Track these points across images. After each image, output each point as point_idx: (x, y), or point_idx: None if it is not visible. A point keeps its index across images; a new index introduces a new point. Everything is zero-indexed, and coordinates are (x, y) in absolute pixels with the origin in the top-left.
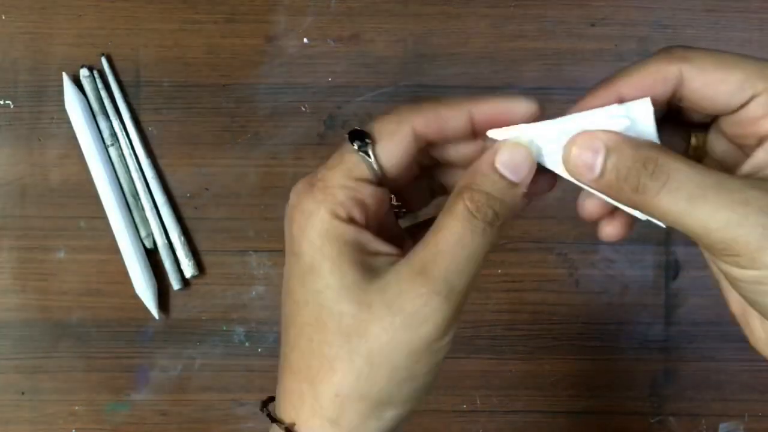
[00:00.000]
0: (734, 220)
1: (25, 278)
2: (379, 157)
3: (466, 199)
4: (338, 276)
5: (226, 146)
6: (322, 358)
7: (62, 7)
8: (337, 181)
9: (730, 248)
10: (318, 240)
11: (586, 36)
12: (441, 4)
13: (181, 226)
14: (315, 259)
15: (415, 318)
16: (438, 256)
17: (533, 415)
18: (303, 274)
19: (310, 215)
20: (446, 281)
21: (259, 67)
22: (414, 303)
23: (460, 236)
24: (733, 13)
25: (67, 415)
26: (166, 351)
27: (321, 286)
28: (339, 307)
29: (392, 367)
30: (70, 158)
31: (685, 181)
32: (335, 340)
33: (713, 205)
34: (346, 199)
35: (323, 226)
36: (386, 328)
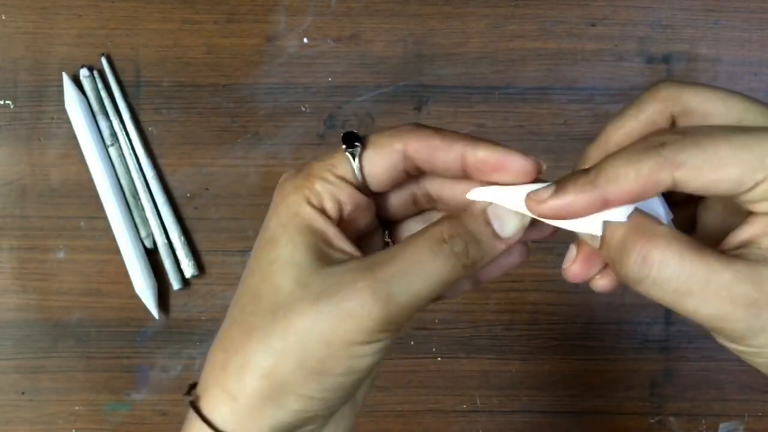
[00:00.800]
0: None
1: (25, 278)
2: (363, 164)
3: (444, 225)
4: (290, 251)
5: (226, 146)
6: (245, 328)
7: (62, 7)
8: (319, 172)
9: (719, 333)
10: (285, 217)
11: (586, 36)
12: (441, 4)
13: (181, 226)
14: (277, 232)
15: (340, 308)
16: (390, 261)
17: (533, 415)
18: (262, 245)
19: (287, 195)
20: (388, 286)
21: (259, 67)
22: (346, 293)
23: (421, 253)
24: (733, 13)
25: (67, 415)
26: (166, 351)
27: (272, 258)
28: (279, 281)
29: (304, 353)
30: (70, 158)
31: (672, 277)
32: (263, 312)
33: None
34: (322, 190)
35: (294, 208)
36: (310, 311)
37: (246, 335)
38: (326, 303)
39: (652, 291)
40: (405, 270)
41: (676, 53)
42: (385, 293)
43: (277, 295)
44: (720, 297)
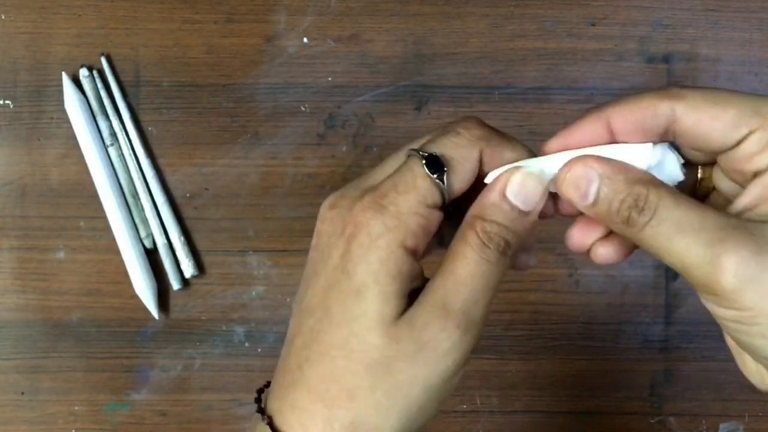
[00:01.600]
0: (709, 259)
1: (25, 278)
2: (452, 185)
3: (479, 230)
4: (380, 306)
5: (226, 146)
6: (344, 384)
7: (62, 7)
8: (411, 207)
9: (709, 287)
10: (376, 265)
11: (586, 36)
12: (441, 4)
13: (180, 226)
14: (366, 283)
15: (436, 352)
16: (456, 288)
17: (533, 415)
18: (348, 294)
19: (377, 238)
20: (465, 314)
21: (258, 66)
22: (437, 338)
23: (476, 267)
24: (734, 12)
25: (67, 415)
26: (165, 351)
27: (360, 312)
28: (370, 338)
29: (409, 402)
30: (70, 158)
31: (668, 217)
32: (359, 370)
33: (690, 242)
34: (417, 228)
35: (387, 254)
36: (409, 363)
37: (348, 392)
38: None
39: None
40: (471, 290)
41: (676, 53)
42: (465, 322)
43: (370, 352)
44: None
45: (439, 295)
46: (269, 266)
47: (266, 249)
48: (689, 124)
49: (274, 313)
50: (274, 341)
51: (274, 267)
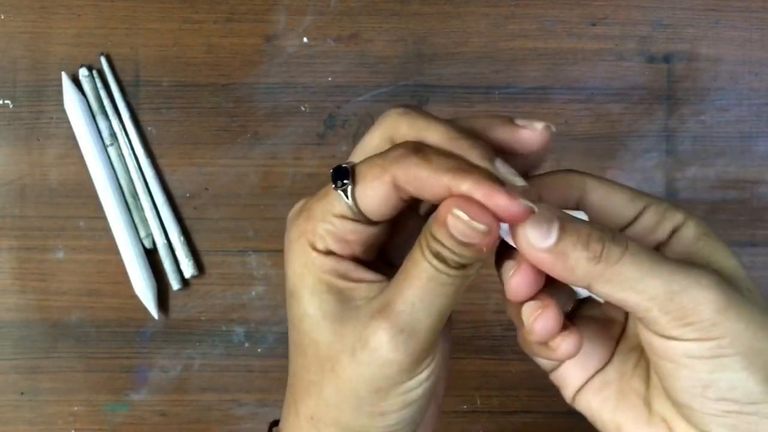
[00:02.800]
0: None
1: (25, 278)
2: (357, 200)
3: (429, 240)
4: (317, 304)
5: (226, 146)
6: (302, 381)
7: (61, 7)
8: (319, 214)
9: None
10: (299, 268)
11: (587, 35)
12: (441, 4)
13: (180, 226)
14: (296, 285)
15: (376, 357)
16: (403, 291)
17: (533, 416)
18: (289, 297)
19: (292, 243)
20: (409, 316)
21: (258, 66)
22: (378, 339)
23: (425, 270)
24: (734, 12)
25: (67, 415)
26: (165, 351)
27: (301, 313)
28: (315, 335)
29: (358, 401)
30: (70, 158)
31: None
32: (311, 366)
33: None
34: (325, 233)
35: (303, 257)
36: (351, 361)
37: (305, 389)
38: (362, 354)
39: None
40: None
41: (676, 53)
42: (410, 327)
43: (318, 348)
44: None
45: (388, 295)
46: (269, 266)
47: (266, 249)
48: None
49: (273, 313)
50: (273, 341)
51: (274, 267)
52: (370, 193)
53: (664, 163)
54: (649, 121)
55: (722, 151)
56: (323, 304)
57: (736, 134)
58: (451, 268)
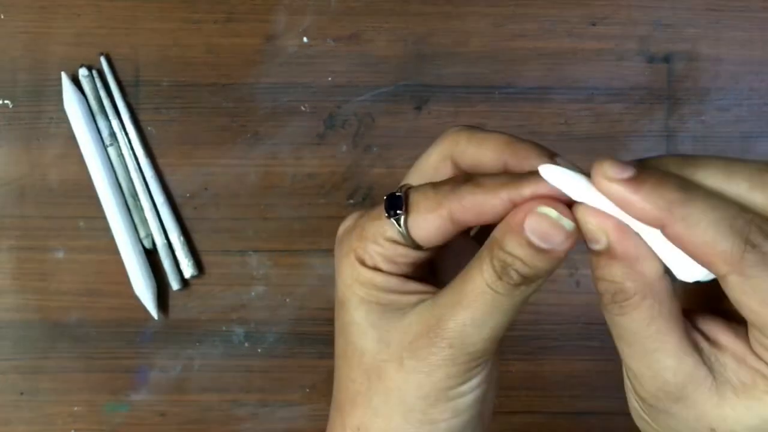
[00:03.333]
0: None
1: (24, 278)
2: (411, 231)
3: (493, 257)
4: (364, 313)
5: (226, 146)
6: (347, 391)
7: (61, 7)
8: (371, 235)
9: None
10: (348, 279)
11: (587, 35)
12: (441, 4)
13: (180, 226)
14: (345, 294)
15: (426, 364)
16: (456, 308)
17: (533, 416)
18: (339, 306)
19: (345, 256)
20: (460, 335)
21: (258, 66)
22: (428, 350)
23: (481, 294)
24: (735, 12)
25: (66, 415)
26: (165, 351)
27: (348, 320)
28: (361, 344)
29: (407, 409)
30: (69, 158)
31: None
32: (357, 376)
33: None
34: (374, 254)
35: (352, 269)
36: (399, 370)
37: (351, 399)
38: (410, 362)
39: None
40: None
41: (677, 53)
42: (459, 342)
43: (363, 357)
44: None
45: (439, 310)
46: (269, 266)
47: (266, 249)
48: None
49: (274, 313)
50: (273, 341)
51: (274, 267)
52: (423, 225)
53: None
54: (649, 121)
55: (722, 151)
56: (370, 314)
57: (736, 134)
58: (512, 286)
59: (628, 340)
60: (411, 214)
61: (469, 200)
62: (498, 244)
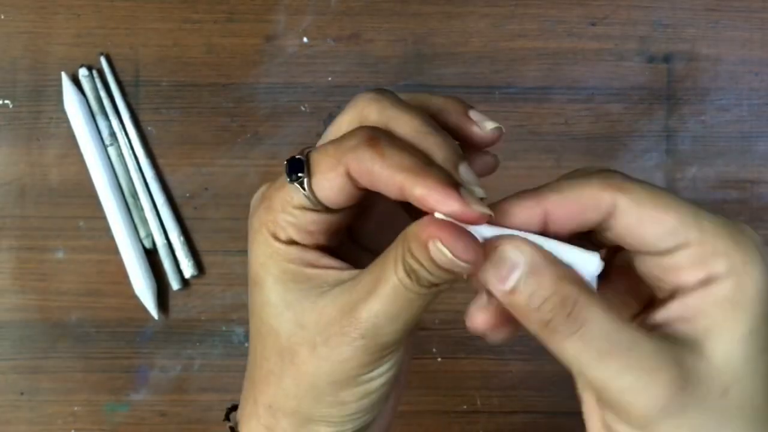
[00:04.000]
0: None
1: (24, 278)
2: (314, 191)
3: (404, 258)
4: (280, 293)
5: (226, 146)
6: (261, 369)
7: (61, 7)
8: (278, 206)
9: (625, 411)
10: (262, 256)
11: (587, 35)
12: (441, 4)
13: (180, 226)
14: (259, 273)
15: (338, 353)
16: (370, 298)
17: (533, 416)
18: (251, 286)
19: (255, 233)
20: (374, 326)
21: (258, 66)
22: (340, 339)
23: (395, 287)
24: (734, 12)
25: (67, 415)
26: (165, 351)
27: (263, 301)
28: (276, 324)
29: (318, 392)
30: (69, 158)
31: (599, 334)
32: (271, 356)
33: (621, 366)
34: (285, 224)
35: (265, 246)
36: (312, 354)
37: (264, 378)
38: (323, 349)
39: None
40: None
41: (676, 53)
42: (372, 333)
43: (278, 338)
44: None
45: (354, 297)
46: None
47: None
48: (628, 222)
49: None
50: None
51: None
52: (326, 185)
53: (664, 163)
54: (649, 121)
55: (722, 151)
56: (287, 294)
57: (736, 134)
58: (423, 287)
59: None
60: (314, 176)
61: (366, 166)
62: (408, 247)
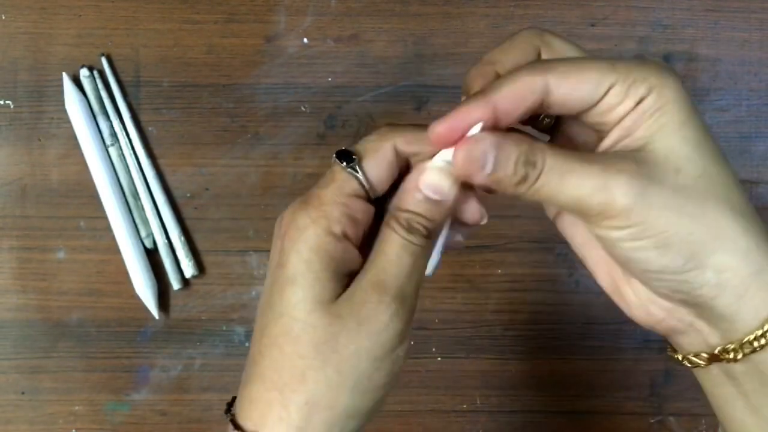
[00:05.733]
0: (601, 184)
1: (25, 278)
2: (366, 172)
3: (399, 217)
4: (317, 290)
5: (226, 146)
6: (294, 368)
7: (62, 7)
8: (331, 197)
9: (605, 212)
10: (306, 253)
11: (586, 36)
12: (441, 4)
13: (181, 226)
14: (298, 270)
15: (376, 325)
16: (388, 267)
17: (533, 415)
18: (284, 285)
19: (305, 229)
20: (399, 288)
21: (258, 67)
22: (376, 311)
23: (402, 248)
24: (733, 12)
25: (67, 415)
26: (166, 351)
27: (297, 299)
28: (312, 320)
29: (358, 375)
30: (70, 158)
31: (554, 163)
32: (308, 352)
33: (582, 175)
34: (340, 215)
35: (316, 241)
36: (353, 337)
37: (299, 376)
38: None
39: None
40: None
41: (676, 53)
42: (401, 296)
43: (315, 333)
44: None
45: (374, 273)
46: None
47: (266, 249)
48: (561, 93)
49: None
50: None
51: None
52: (376, 163)
53: None
54: None
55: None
56: (324, 291)
57: (735, 134)
58: (422, 237)
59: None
60: (364, 158)
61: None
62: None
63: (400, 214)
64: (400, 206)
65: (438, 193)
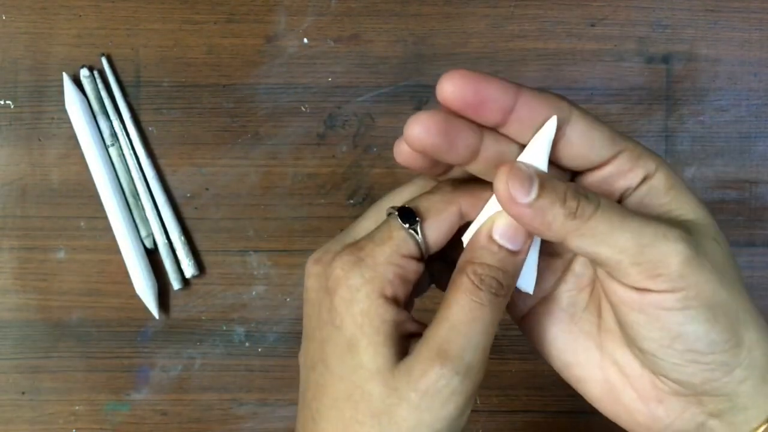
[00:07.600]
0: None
1: (25, 278)
2: (427, 236)
3: (470, 273)
4: (372, 356)
5: (226, 146)
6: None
7: (62, 7)
8: (386, 258)
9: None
10: (360, 317)
11: (586, 36)
12: (441, 4)
13: (181, 226)
14: (355, 335)
15: (437, 399)
16: (452, 334)
17: (533, 415)
18: (343, 348)
19: (357, 291)
20: (463, 359)
21: (259, 67)
22: (436, 385)
23: (469, 312)
24: (733, 13)
25: (67, 414)
26: (166, 351)
27: (356, 365)
28: (370, 388)
29: None
30: (71, 158)
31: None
32: (366, 420)
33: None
34: (393, 277)
35: (368, 305)
36: (412, 410)
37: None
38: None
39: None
40: (467, 335)
41: (675, 53)
42: (464, 368)
43: (372, 402)
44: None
45: (435, 342)
46: (269, 266)
47: (266, 249)
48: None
49: (274, 313)
50: (274, 341)
51: (274, 267)
52: (438, 227)
53: None
54: (648, 121)
55: (721, 152)
56: (379, 358)
57: (735, 134)
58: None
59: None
60: (426, 220)
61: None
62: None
63: (471, 267)
64: (471, 259)
65: (513, 243)
